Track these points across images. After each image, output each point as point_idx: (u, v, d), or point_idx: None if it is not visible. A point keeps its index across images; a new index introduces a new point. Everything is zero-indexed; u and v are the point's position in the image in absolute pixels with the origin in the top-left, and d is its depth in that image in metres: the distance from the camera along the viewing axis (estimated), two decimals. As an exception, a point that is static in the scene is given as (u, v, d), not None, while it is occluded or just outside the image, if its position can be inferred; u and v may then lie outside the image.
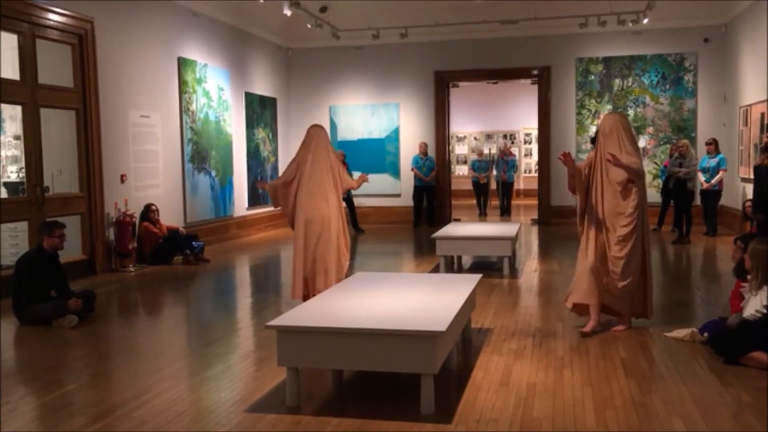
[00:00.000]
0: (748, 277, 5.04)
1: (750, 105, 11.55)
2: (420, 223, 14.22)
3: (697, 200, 11.86)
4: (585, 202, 5.72)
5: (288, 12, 11.52)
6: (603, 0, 12.60)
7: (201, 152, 11.53)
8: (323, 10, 13.12)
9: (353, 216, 13.62)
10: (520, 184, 21.13)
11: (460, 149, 22.81)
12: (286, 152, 15.02)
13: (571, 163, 5.54)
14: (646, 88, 13.75)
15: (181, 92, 10.96)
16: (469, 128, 22.76)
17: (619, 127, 5.64)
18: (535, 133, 18.27)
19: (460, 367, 4.77)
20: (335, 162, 6.75)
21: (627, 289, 5.55)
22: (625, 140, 5.60)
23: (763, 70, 10.74)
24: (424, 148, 14.26)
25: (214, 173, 11.91)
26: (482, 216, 16.56)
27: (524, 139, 22.13)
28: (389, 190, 14.88)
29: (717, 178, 11.29)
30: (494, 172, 17.57)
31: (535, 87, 14.86)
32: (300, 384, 4.14)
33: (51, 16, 8.30)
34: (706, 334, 5.14)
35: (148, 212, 9.82)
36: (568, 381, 4.43)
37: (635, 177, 5.48)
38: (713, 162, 11.36)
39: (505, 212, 16.63)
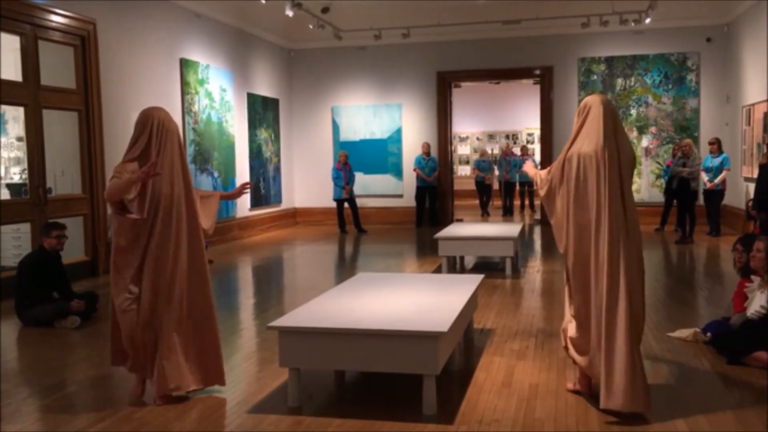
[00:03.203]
0: (753, 276, 5.02)
1: (753, 104, 11.53)
2: (422, 223, 14.20)
3: (700, 200, 11.83)
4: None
5: (290, 13, 11.53)
6: (605, 0, 12.59)
7: (203, 153, 11.54)
8: (325, 10, 13.12)
9: (356, 217, 13.62)
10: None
11: (462, 149, 22.81)
12: (289, 153, 15.05)
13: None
14: (649, 88, 13.73)
15: (183, 93, 10.97)
16: (472, 128, 22.75)
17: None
18: (537, 133, 18.24)
19: (462, 368, 4.76)
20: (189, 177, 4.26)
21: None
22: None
23: (766, 70, 10.71)
24: (426, 148, 14.24)
25: (216, 174, 11.91)
26: (484, 216, 16.55)
27: (527, 139, 22.11)
28: (391, 190, 14.86)
29: (720, 177, 11.27)
30: (497, 173, 17.62)
31: (538, 87, 14.84)
32: (302, 385, 4.13)
33: (53, 17, 8.31)
34: (709, 335, 5.12)
35: None
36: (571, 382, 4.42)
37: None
38: (716, 161, 11.35)
39: (508, 212, 16.63)
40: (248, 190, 4.73)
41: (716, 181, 11.28)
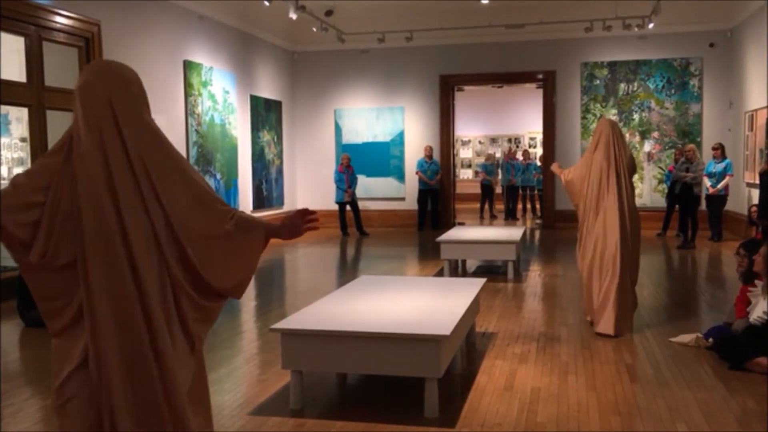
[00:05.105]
0: (756, 282, 5.02)
1: (755, 110, 11.52)
2: (424, 226, 14.20)
3: (703, 205, 11.83)
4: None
5: (294, 15, 11.54)
6: (609, 3, 12.61)
7: (206, 155, 11.55)
8: (329, 13, 13.14)
9: (358, 220, 13.63)
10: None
11: (464, 153, 22.82)
12: (291, 155, 15.06)
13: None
14: (652, 93, 13.73)
15: (186, 95, 10.99)
16: (474, 132, 22.77)
17: None
18: (540, 137, 18.26)
19: (464, 372, 4.76)
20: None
21: None
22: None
23: (769, 75, 10.72)
24: (429, 151, 14.25)
25: (219, 176, 11.93)
26: (489, 219, 16.54)
27: (529, 143, 22.12)
28: (394, 193, 14.87)
29: (723, 183, 11.27)
30: (499, 176, 17.65)
31: (540, 91, 14.86)
32: (304, 387, 4.14)
33: (58, 18, 8.33)
34: (711, 340, 5.12)
35: None
36: (573, 386, 4.42)
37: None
38: (720, 167, 11.34)
39: (510, 216, 16.63)
40: (313, 225, 2.47)
41: (719, 186, 11.28)
